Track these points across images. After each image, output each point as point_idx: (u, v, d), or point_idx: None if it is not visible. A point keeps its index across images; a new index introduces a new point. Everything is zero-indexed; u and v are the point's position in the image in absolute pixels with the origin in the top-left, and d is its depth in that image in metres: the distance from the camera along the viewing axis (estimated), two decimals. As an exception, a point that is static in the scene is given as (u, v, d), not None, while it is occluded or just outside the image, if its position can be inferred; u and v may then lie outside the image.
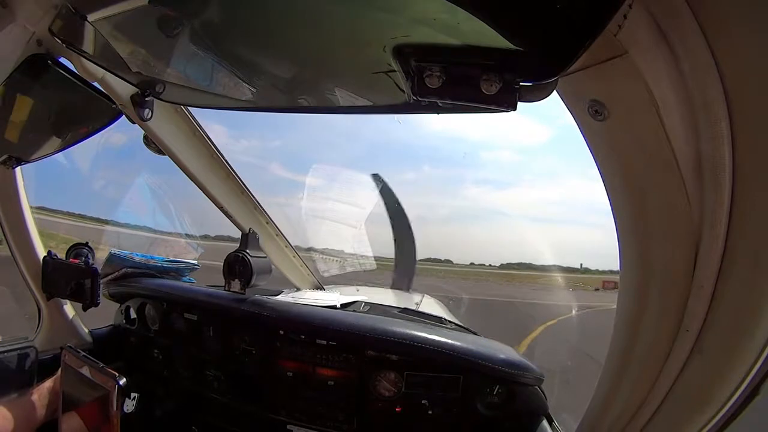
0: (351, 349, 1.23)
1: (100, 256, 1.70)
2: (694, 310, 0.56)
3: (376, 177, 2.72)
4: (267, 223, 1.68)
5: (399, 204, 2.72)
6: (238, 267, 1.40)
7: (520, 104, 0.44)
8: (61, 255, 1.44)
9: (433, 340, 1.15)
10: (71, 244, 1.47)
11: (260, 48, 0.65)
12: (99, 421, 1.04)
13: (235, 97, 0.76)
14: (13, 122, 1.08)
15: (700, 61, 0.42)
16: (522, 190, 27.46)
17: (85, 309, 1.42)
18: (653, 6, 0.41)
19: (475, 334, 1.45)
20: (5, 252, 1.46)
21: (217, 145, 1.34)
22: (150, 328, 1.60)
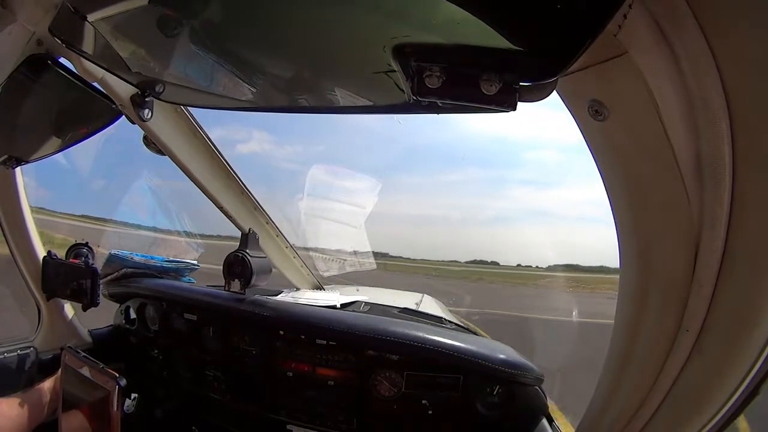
0: (351, 349, 1.23)
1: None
2: (694, 310, 0.56)
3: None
4: (267, 223, 1.68)
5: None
6: (237, 267, 1.40)
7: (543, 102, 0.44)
8: (61, 255, 1.44)
9: (433, 340, 1.15)
10: (71, 244, 1.47)
11: (260, 48, 0.65)
12: (99, 422, 1.04)
13: (235, 97, 0.76)
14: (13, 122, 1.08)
15: (700, 61, 0.42)
16: (565, 190, 27.44)
17: (84, 309, 1.42)
18: (653, 6, 0.41)
19: (475, 334, 1.45)
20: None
21: (217, 145, 1.34)
22: (150, 329, 1.60)
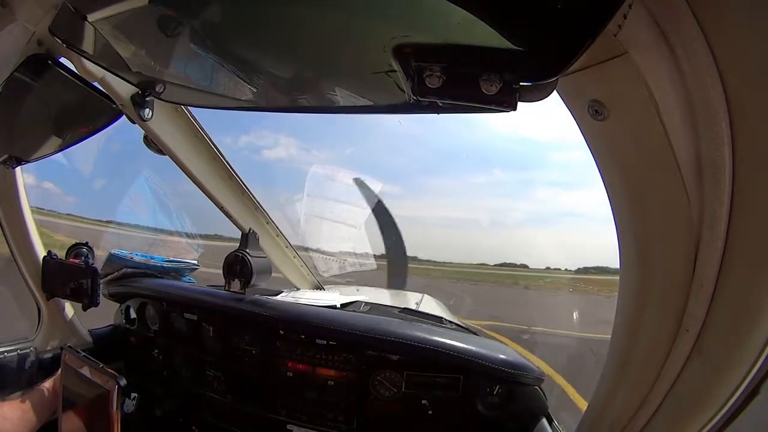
0: (351, 349, 1.23)
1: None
2: (694, 310, 0.56)
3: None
4: (267, 223, 1.68)
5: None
6: (238, 267, 1.40)
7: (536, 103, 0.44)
8: (61, 255, 1.44)
9: (433, 340, 1.15)
10: (71, 245, 1.47)
11: (260, 48, 0.65)
12: (99, 421, 1.04)
13: (235, 97, 0.76)
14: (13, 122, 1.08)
15: (700, 61, 0.42)
16: (593, 191, 27.31)
17: (84, 309, 1.42)
18: (653, 6, 0.41)
19: (475, 333, 1.45)
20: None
21: (217, 145, 1.34)
22: (150, 328, 1.60)
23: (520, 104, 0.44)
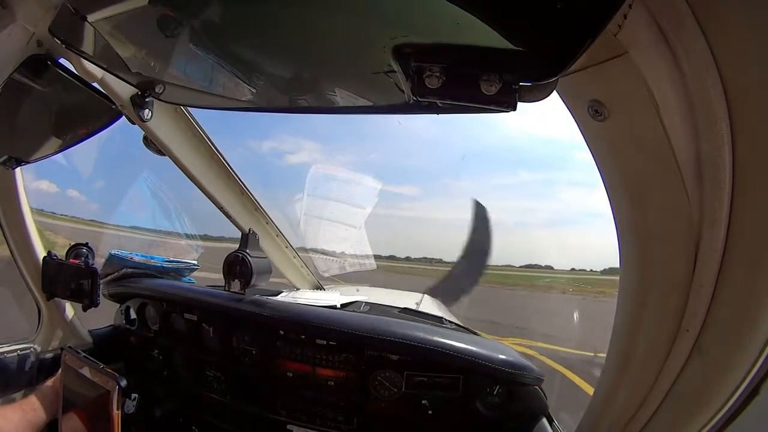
0: (351, 349, 1.23)
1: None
2: (694, 310, 0.56)
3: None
4: (267, 223, 1.69)
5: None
6: (238, 267, 1.40)
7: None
8: (61, 255, 1.44)
9: (433, 340, 1.15)
10: (71, 245, 1.47)
11: (260, 48, 0.65)
12: (99, 422, 1.04)
13: (235, 98, 0.76)
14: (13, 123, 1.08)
15: (700, 61, 0.42)
16: None
17: (84, 309, 1.42)
18: (653, 6, 0.41)
19: (475, 334, 1.45)
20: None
21: (217, 146, 1.34)
22: (150, 329, 1.60)
23: (521, 104, 0.44)
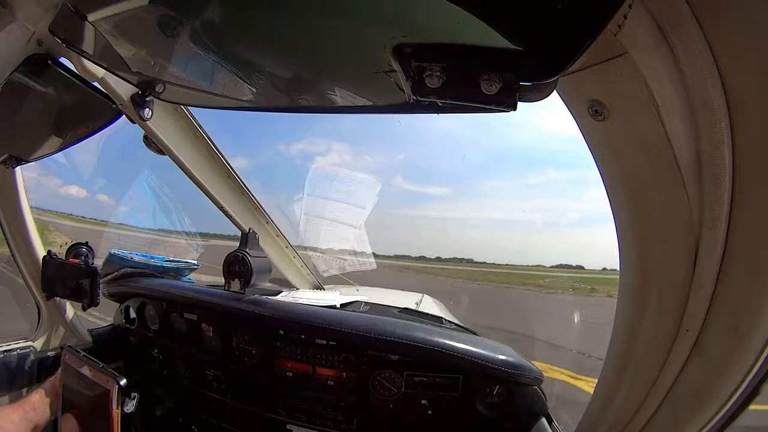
0: (351, 349, 1.23)
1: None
2: (694, 310, 0.56)
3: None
4: (267, 223, 1.69)
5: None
6: (238, 267, 1.40)
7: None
8: (61, 255, 1.44)
9: (433, 340, 1.15)
10: (71, 244, 1.47)
11: (260, 48, 0.65)
12: (99, 421, 1.04)
13: (235, 97, 0.76)
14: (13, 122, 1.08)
15: (700, 61, 0.42)
16: None
17: (84, 309, 1.42)
18: (653, 6, 0.41)
19: (475, 334, 1.45)
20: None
21: (217, 145, 1.34)
22: (150, 328, 1.60)
23: (521, 104, 0.44)
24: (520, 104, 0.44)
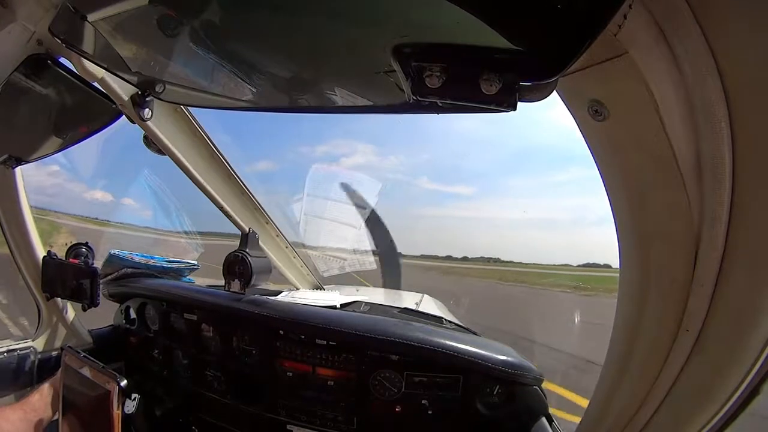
0: (351, 349, 1.23)
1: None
2: (694, 310, 0.56)
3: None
4: (267, 223, 1.69)
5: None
6: (238, 267, 1.40)
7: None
8: (61, 255, 1.44)
9: (433, 341, 1.15)
10: (71, 245, 1.47)
11: (260, 48, 0.65)
12: (99, 422, 1.04)
13: (234, 97, 0.77)
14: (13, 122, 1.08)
15: (700, 61, 0.42)
16: None
17: (84, 309, 1.42)
18: (653, 6, 0.41)
19: (475, 334, 1.45)
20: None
21: (217, 145, 1.34)
22: (150, 328, 1.60)
23: (520, 104, 0.44)
24: (535, 103, 0.44)
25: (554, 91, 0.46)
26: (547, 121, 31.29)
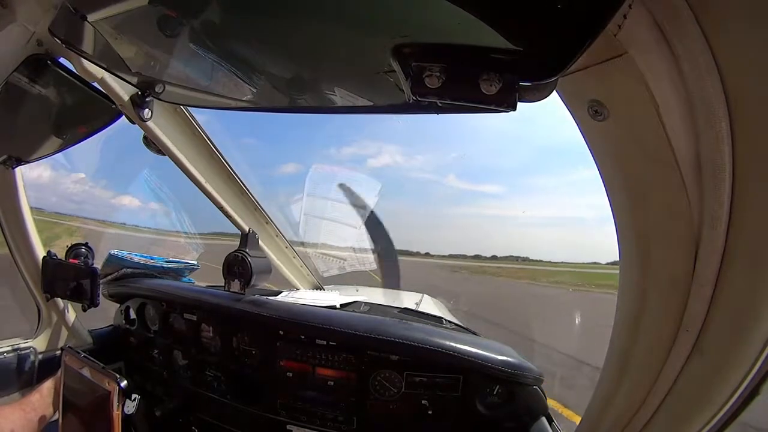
0: (351, 349, 1.23)
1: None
2: (694, 310, 0.56)
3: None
4: (267, 223, 1.69)
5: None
6: (237, 267, 1.40)
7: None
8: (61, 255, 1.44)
9: (433, 341, 1.15)
10: (70, 245, 1.47)
11: (260, 48, 0.65)
12: (99, 422, 1.04)
13: (234, 97, 0.76)
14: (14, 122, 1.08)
15: (700, 61, 0.42)
16: None
17: (84, 309, 1.42)
18: (653, 6, 0.41)
19: (475, 334, 1.45)
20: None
21: (217, 145, 1.34)
22: (150, 329, 1.60)
23: (520, 104, 0.44)
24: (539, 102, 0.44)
25: (554, 91, 0.46)
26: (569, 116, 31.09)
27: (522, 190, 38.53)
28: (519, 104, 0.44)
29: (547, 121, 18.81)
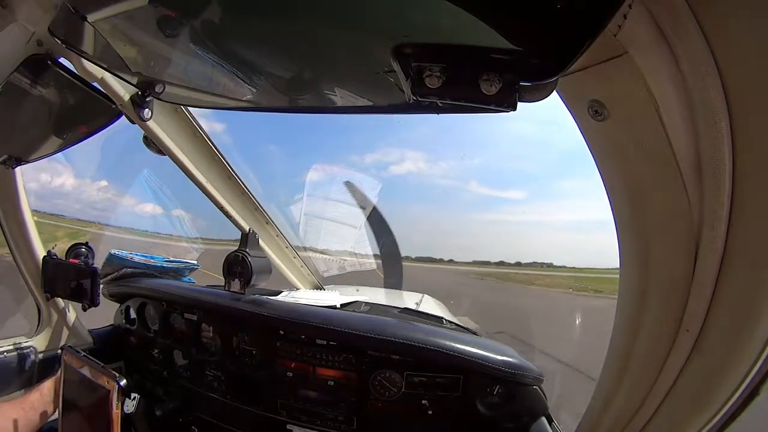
0: (351, 349, 1.23)
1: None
2: (694, 310, 0.56)
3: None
4: (267, 223, 1.69)
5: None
6: (238, 267, 1.40)
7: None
8: (61, 255, 1.44)
9: (433, 341, 1.15)
10: (71, 245, 1.47)
11: (260, 48, 0.65)
12: (99, 422, 1.04)
13: (234, 98, 0.77)
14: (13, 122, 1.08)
15: (700, 61, 0.42)
16: None
17: (84, 309, 1.42)
18: (653, 6, 0.41)
19: (475, 334, 1.45)
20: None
21: (217, 146, 1.34)
22: (150, 328, 1.60)
23: (520, 104, 0.44)
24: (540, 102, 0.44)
25: (554, 91, 0.46)
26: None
27: (545, 195, 38.41)
28: (521, 104, 0.44)
29: (570, 123, 18.82)
